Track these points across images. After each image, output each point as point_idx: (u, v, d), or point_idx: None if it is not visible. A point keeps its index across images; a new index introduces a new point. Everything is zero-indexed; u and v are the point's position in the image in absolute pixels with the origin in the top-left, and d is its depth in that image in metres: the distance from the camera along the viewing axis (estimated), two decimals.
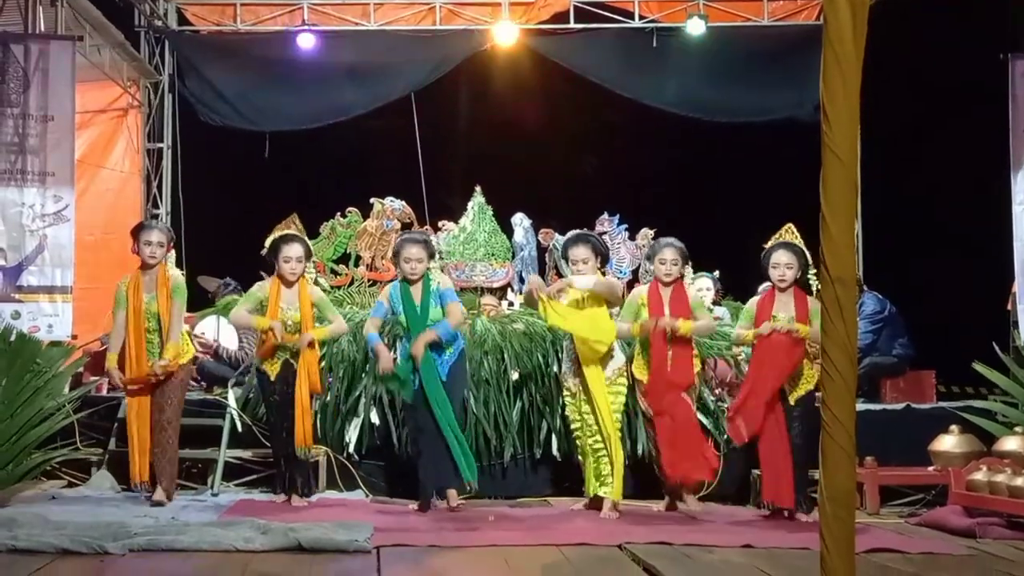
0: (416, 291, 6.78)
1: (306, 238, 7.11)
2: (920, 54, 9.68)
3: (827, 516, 2.50)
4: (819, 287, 6.55)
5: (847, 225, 2.51)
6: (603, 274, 7.00)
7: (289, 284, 6.92)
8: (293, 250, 6.89)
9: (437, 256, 7.66)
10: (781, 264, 6.65)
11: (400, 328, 6.91)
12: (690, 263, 7.03)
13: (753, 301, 6.88)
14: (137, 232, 6.96)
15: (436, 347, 6.68)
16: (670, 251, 6.88)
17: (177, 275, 6.98)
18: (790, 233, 6.77)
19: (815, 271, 6.71)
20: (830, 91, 2.43)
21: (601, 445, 6.64)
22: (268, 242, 6.99)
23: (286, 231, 6.97)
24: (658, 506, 6.93)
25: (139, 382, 6.75)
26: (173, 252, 7.10)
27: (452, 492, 6.70)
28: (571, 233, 7.12)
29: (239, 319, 7.05)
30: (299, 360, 6.79)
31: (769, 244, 6.79)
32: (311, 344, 6.83)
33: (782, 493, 6.46)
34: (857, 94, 2.43)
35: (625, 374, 6.87)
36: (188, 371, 7.08)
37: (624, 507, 6.72)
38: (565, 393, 6.96)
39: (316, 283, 7.65)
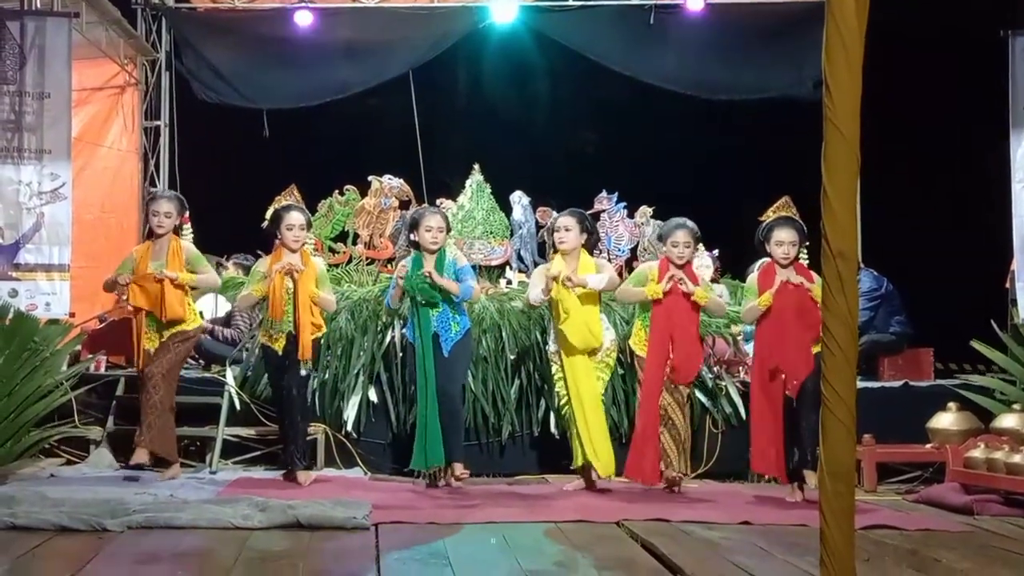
0: (429, 263, 6.74)
1: (305, 208, 7.14)
2: (918, 27, 9.61)
3: (827, 491, 2.50)
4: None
5: (849, 199, 2.49)
6: (599, 252, 7.01)
7: (293, 252, 6.89)
8: (295, 218, 6.90)
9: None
10: (785, 242, 6.42)
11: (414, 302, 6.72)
12: (701, 244, 6.92)
13: (753, 279, 6.65)
14: (149, 202, 7.14)
15: (444, 323, 6.67)
16: (683, 233, 6.70)
17: (190, 246, 7.09)
18: (788, 207, 6.56)
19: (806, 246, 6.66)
20: (832, 64, 2.40)
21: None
22: (269, 213, 7.04)
23: (286, 201, 7.01)
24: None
25: (144, 282, 6.77)
26: (189, 224, 7.12)
27: (458, 465, 6.66)
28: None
29: (244, 302, 7.10)
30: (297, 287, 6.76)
31: (766, 218, 6.56)
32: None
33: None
34: (859, 67, 2.40)
35: (615, 352, 6.89)
36: (193, 341, 7.14)
37: (620, 484, 6.75)
38: (554, 369, 6.88)
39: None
